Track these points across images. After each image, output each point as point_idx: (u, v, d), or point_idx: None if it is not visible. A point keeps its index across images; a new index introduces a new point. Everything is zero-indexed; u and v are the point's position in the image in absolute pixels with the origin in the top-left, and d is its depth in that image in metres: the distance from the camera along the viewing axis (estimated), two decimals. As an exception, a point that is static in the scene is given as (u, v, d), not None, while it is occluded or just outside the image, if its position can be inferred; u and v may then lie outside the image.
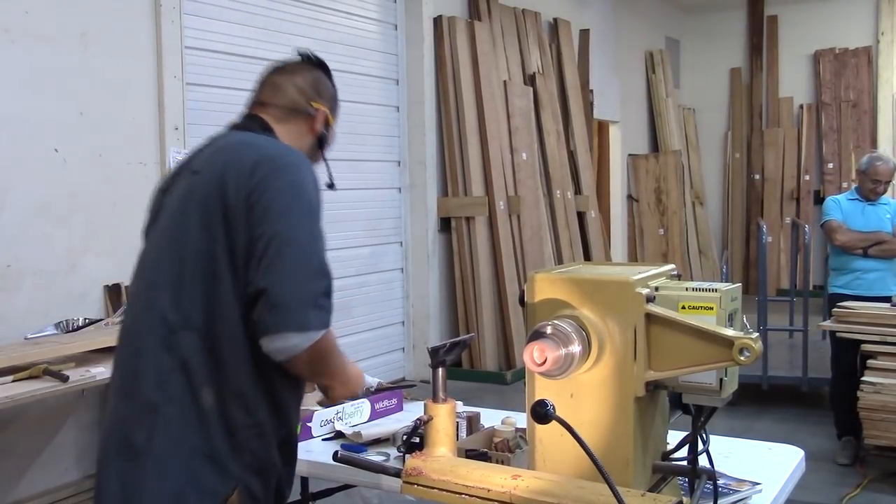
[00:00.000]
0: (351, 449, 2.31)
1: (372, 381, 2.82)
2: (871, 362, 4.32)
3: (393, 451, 2.34)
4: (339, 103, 2.04)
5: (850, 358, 4.65)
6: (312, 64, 2.02)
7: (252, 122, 1.94)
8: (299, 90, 1.96)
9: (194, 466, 1.69)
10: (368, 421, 2.62)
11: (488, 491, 1.56)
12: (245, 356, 1.71)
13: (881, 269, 4.92)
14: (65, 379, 2.97)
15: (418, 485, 1.65)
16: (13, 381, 2.96)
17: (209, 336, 1.71)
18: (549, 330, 1.57)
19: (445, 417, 1.73)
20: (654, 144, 10.56)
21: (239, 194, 1.70)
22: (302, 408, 2.07)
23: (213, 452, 1.70)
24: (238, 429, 1.72)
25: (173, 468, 1.69)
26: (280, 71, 2.01)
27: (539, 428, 1.67)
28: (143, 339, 1.76)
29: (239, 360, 1.72)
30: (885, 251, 4.89)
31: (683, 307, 1.59)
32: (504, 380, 6.40)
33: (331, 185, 1.97)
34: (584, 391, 1.63)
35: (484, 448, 2.17)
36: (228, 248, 1.70)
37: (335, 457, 1.89)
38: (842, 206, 5.05)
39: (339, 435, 2.50)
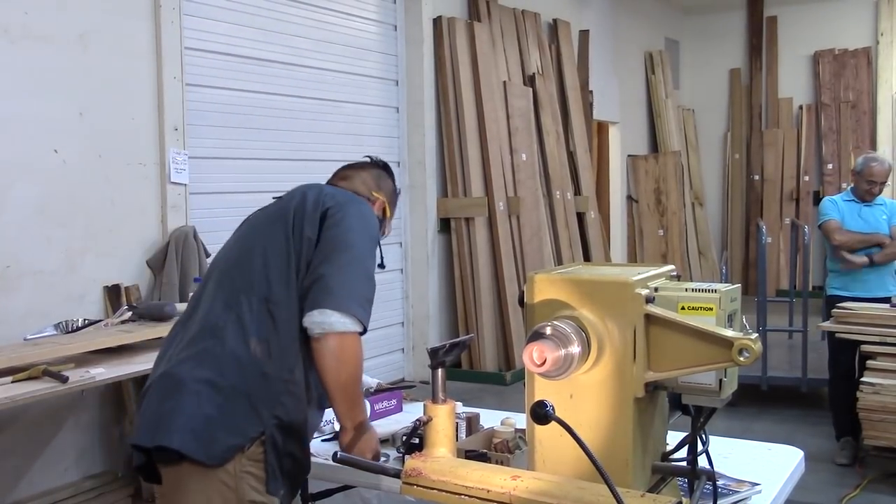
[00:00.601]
0: (350, 449, 2.31)
1: (371, 381, 2.82)
2: (870, 363, 4.32)
3: (392, 452, 2.34)
4: (398, 198, 2.46)
5: (848, 359, 4.65)
6: (376, 164, 2.43)
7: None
8: (363, 181, 2.35)
9: (230, 403, 1.90)
10: (368, 421, 2.62)
11: (488, 492, 1.56)
12: (294, 325, 1.97)
13: (879, 270, 4.92)
14: (64, 380, 2.96)
15: (418, 485, 1.65)
16: (13, 381, 2.95)
17: (268, 301, 1.98)
18: (548, 331, 1.57)
19: (445, 418, 1.73)
20: (654, 145, 10.56)
21: (317, 207, 2.06)
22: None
23: (249, 394, 1.92)
24: (275, 381, 1.94)
25: (211, 399, 1.90)
26: (351, 167, 2.41)
27: (538, 429, 1.67)
28: (213, 300, 2.06)
29: (289, 327, 1.97)
30: (888, 256, 4.87)
31: (683, 308, 1.59)
32: (503, 380, 6.40)
33: (381, 265, 2.27)
34: (583, 392, 1.63)
35: (483, 449, 2.18)
36: (298, 240, 2.02)
37: (335, 457, 1.89)
38: (839, 207, 5.05)
39: (338, 435, 2.50)
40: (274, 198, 2.25)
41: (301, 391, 1.99)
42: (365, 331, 1.98)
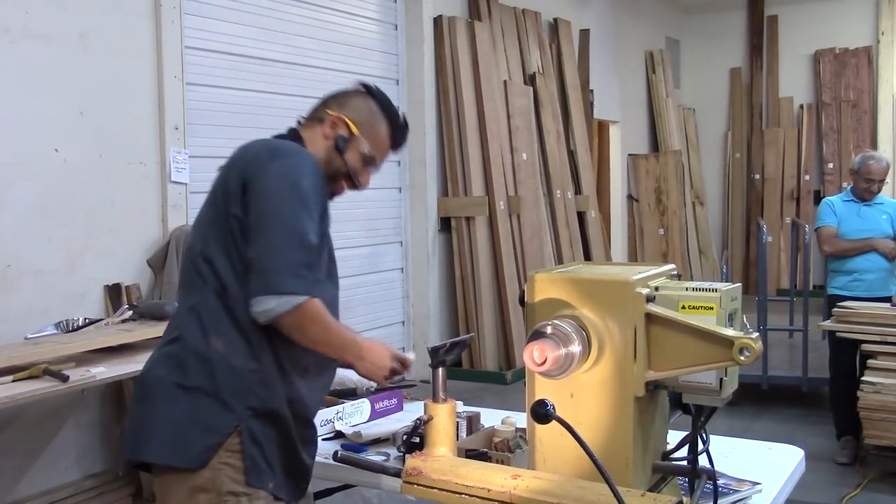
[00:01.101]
0: (351, 449, 2.31)
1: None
2: (871, 362, 4.32)
3: (393, 451, 2.34)
4: (383, 122, 2.17)
5: (848, 358, 4.65)
6: (361, 90, 2.22)
7: (288, 132, 2.17)
8: (325, 103, 2.19)
9: (199, 403, 1.88)
10: (368, 421, 2.63)
11: (488, 491, 1.56)
12: (250, 314, 1.90)
13: (880, 270, 4.92)
14: (65, 379, 2.96)
15: (418, 485, 1.65)
16: (13, 381, 2.95)
17: (221, 294, 1.93)
18: (549, 330, 1.57)
19: (445, 417, 1.73)
20: (654, 144, 10.56)
21: (239, 178, 1.93)
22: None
23: (217, 391, 1.88)
24: (242, 373, 1.90)
25: (180, 402, 1.89)
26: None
27: (539, 428, 1.66)
28: (179, 298, 2.09)
29: (246, 317, 1.90)
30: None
31: (683, 307, 1.59)
32: (504, 380, 6.40)
33: (354, 186, 2.14)
34: (584, 391, 1.63)
35: (484, 448, 2.17)
36: (230, 223, 1.93)
37: (335, 457, 1.89)
38: (837, 209, 5.03)
39: (339, 435, 2.50)
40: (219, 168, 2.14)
41: (273, 377, 1.94)
42: (319, 292, 1.89)
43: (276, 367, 1.94)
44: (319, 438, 2.47)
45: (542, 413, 1.47)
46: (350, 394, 2.74)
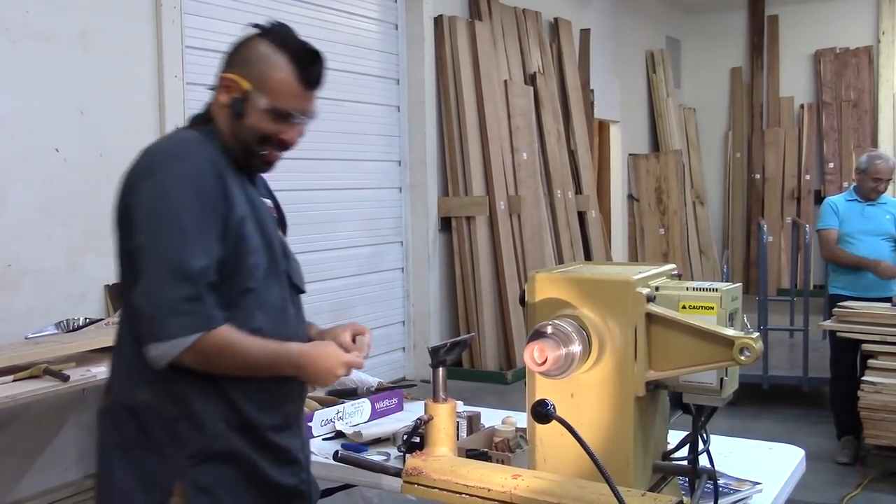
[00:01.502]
0: (351, 448, 2.31)
1: (372, 380, 2.82)
2: (871, 362, 4.32)
3: (393, 451, 2.34)
4: (281, 62, 1.81)
5: (849, 358, 4.65)
6: (254, 34, 1.88)
7: (204, 110, 1.90)
8: (219, 67, 1.86)
9: (138, 461, 1.75)
10: (369, 420, 2.63)
11: (489, 491, 1.56)
12: None
13: None
14: (65, 378, 2.97)
15: (419, 484, 1.65)
16: (13, 380, 2.95)
17: (137, 339, 1.74)
18: (549, 330, 1.57)
19: (446, 417, 1.73)
20: (655, 144, 10.56)
21: (123, 209, 1.79)
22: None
23: (152, 445, 1.75)
24: (172, 421, 1.74)
25: (120, 464, 1.77)
26: None
27: (539, 428, 1.66)
28: None
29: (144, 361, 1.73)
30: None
31: (684, 307, 1.59)
32: (504, 379, 6.40)
33: (282, 147, 1.86)
34: (584, 391, 1.63)
35: (484, 448, 2.17)
36: (122, 260, 1.82)
37: (335, 456, 1.89)
38: (840, 209, 5.01)
39: (339, 434, 2.50)
40: None
41: (209, 416, 1.75)
42: (213, 321, 1.69)
43: (212, 402, 1.76)
44: (320, 438, 2.47)
45: (542, 413, 1.47)
46: (350, 394, 2.75)
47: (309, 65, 1.83)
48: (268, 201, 1.97)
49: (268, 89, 1.79)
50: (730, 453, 2.21)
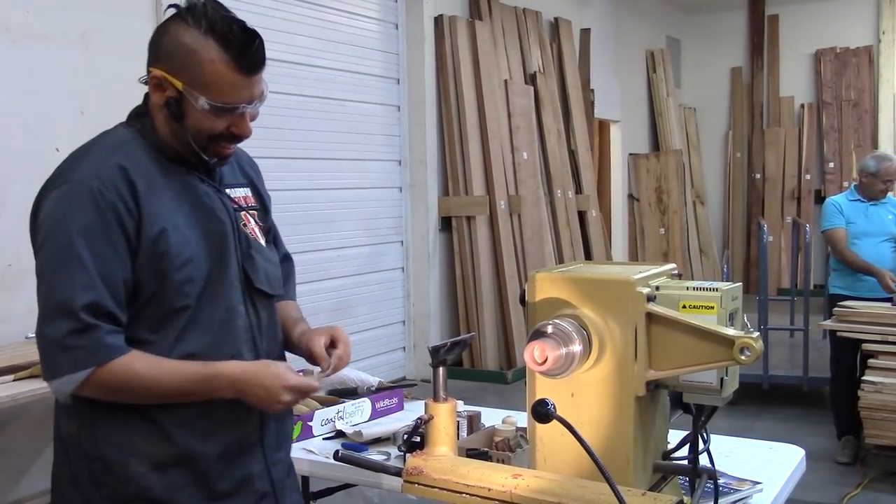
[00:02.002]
0: (352, 448, 2.31)
1: (372, 380, 2.82)
2: (871, 361, 4.32)
3: (394, 451, 2.34)
4: (211, 49, 1.58)
5: (849, 357, 4.65)
6: (175, 18, 1.63)
7: (138, 105, 1.75)
8: (147, 58, 1.65)
9: (65, 495, 1.67)
10: (369, 420, 2.62)
11: (489, 490, 1.56)
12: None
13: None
14: (65, 378, 2.96)
15: (419, 484, 1.65)
16: (14, 380, 2.96)
17: None
18: (549, 329, 1.57)
19: (446, 417, 1.73)
20: (655, 144, 10.56)
21: (30, 225, 1.71)
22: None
23: (77, 481, 1.64)
24: (89, 459, 1.63)
25: (56, 494, 1.69)
26: None
27: (540, 427, 1.66)
28: None
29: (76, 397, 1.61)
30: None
31: (684, 306, 1.59)
32: (505, 379, 6.40)
33: (233, 140, 1.67)
34: (584, 390, 1.63)
35: (485, 447, 2.17)
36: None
37: (336, 456, 1.88)
38: (843, 209, 5.01)
39: (339, 434, 2.50)
40: None
41: (125, 458, 1.60)
42: (104, 353, 1.54)
43: (138, 437, 1.61)
44: (320, 438, 2.47)
45: (542, 412, 1.47)
46: (351, 393, 2.75)
47: (243, 48, 1.59)
48: (241, 190, 1.80)
49: (203, 85, 1.57)
50: (730, 453, 2.21)
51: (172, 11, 1.63)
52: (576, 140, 8.13)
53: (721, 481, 1.88)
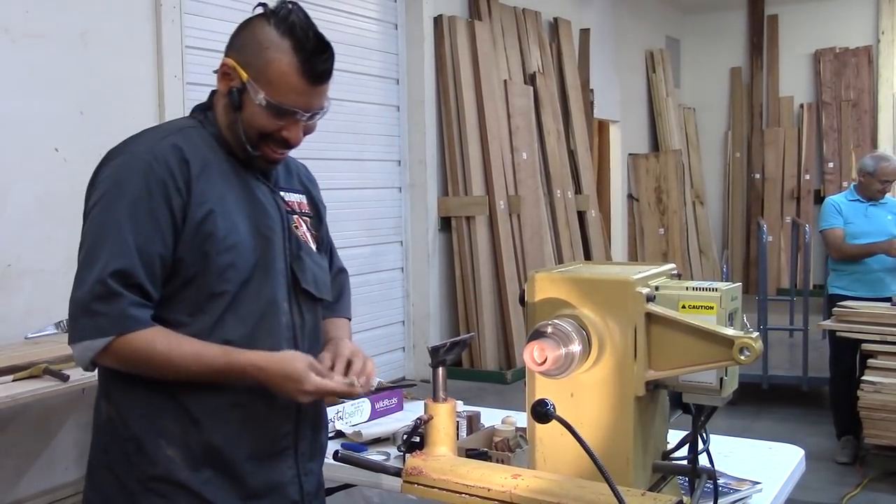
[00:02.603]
0: (351, 448, 2.31)
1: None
2: (871, 361, 4.32)
3: (393, 451, 2.34)
4: (283, 50, 1.61)
5: (848, 357, 4.65)
6: (260, 14, 1.69)
7: (210, 96, 1.79)
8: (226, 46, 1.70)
9: (100, 479, 1.66)
10: (369, 420, 2.62)
11: (489, 490, 1.56)
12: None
13: (881, 269, 4.91)
14: (65, 378, 2.97)
15: (419, 484, 1.65)
16: (13, 380, 2.95)
17: None
18: (549, 329, 1.57)
19: (446, 417, 1.73)
20: (655, 144, 10.56)
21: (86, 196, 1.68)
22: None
23: (111, 465, 1.64)
24: (124, 440, 1.62)
25: (90, 483, 1.69)
26: None
27: (539, 427, 1.66)
28: None
29: (109, 372, 1.64)
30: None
31: (684, 306, 1.59)
32: (504, 379, 6.40)
33: (284, 146, 1.68)
34: (584, 390, 1.63)
35: (484, 447, 2.17)
36: None
37: (335, 456, 1.89)
38: (842, 209, 5.01)
39: (339, 434, 2.50)
40: None
41: (152, 436, 1.60)
42: (129, 324, 1.54)
43: (166, 419, 1.60)
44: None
45: (542, 412, 1.47)
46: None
47: (314, 56, 1.62)
48: (296, 196, 1.82)
49: (266, 81, 1.60)
50: (730, 453, 2.21)
51: (260, 10, 1.69)
52: (575, 140, 8.13)
53: (720, 481, 1.88)
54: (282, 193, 1.77)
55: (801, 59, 10.95)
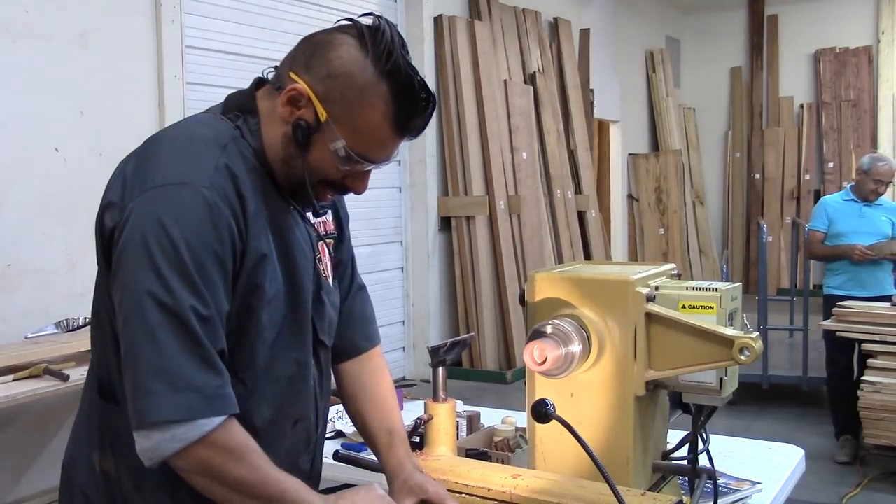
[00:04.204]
0: (351, 448, 2.31)
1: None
2: (871, 361, 4.32)
3: (393, 451, 2.34)
4: (380, 94, 1.28)
5: (846, 357, 4.66)
6: (347, 33, 1.32)
7: (240, 93, 1.43)
8: (292, 57, 1.37)
9: None
10: (369, 420, 2.62)
11: (488, 490, 1.56)
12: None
13: (875, 268, 4.92)
14: (65, 378, 2.97)
15: (418, 484, 1.65)
16: (13, 380, 2.96)
17: (104, 389, 1.41)
18: (549, 329, 1.57)
19: (446, 417, 1.73)
20: (655, 144, 10.56)
21: (107, 222, 1.30)
22: None
23: None
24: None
25: None
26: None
27: (539, 427, 1.66)
28: None
29: (113, 414, 1.36)
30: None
31: (684, 306, 1.59)
32: (504, 379, 6.40)
33: (316, 213, 1.41)
34: (584, 390, 1.63)
35: (484, 447, 2.17)
36: (105, 291, 1.31)
37: (335, 456, 1.89)
38: (833, 210, 5.03)
39: (339, 434, 2.50)
40: None
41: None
42: (228, 403, 1.22)
43: (176, 490, 1.30)
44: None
45: (542, 412, 1.47)
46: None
47: (416, 110, 1.30)
48: (321, 218, 1.52)
49: (351, 128, 1.29)
50: (729, 453, 2.21)
51: (346, 24, 1.34)
52: (575, 140, 8.13)
53: (720, 481, 1.88)
54: (308, 214, 1.45)
55: (801, 59, 10.96)
